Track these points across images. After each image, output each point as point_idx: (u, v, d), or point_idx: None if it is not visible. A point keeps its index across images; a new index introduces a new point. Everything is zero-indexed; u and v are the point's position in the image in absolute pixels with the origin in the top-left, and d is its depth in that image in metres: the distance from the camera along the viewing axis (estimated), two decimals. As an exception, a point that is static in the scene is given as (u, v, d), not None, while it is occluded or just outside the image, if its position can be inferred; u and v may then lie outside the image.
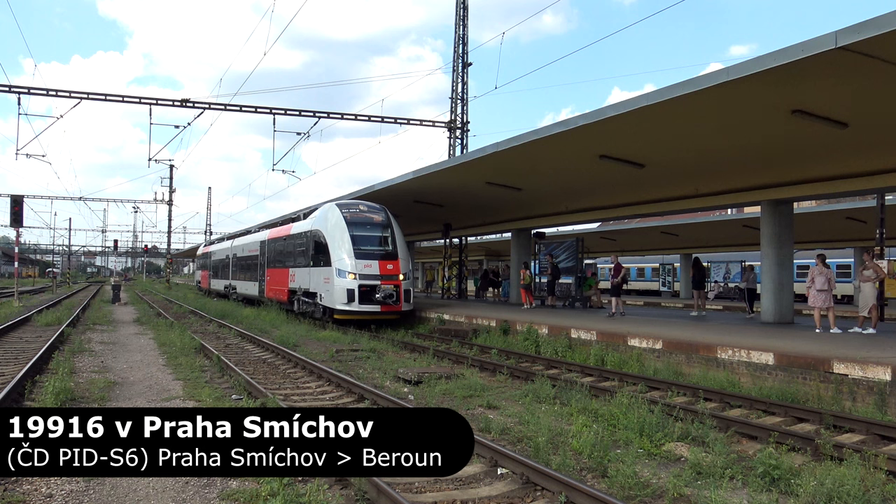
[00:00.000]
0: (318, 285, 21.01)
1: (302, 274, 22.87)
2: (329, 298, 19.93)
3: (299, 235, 23.67)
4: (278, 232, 27.52)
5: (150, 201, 74.09)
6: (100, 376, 11.38)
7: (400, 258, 20.17)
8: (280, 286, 25.97)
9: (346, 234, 20.03)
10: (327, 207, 21.94)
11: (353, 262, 19.52)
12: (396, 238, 20.68)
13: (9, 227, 47.09)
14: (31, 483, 5.83)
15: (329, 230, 20.67)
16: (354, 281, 19.27)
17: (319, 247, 21.01)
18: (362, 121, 29.65)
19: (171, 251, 66.61)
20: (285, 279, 25.11)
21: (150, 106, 27.81)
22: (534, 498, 5.67)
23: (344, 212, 20.89)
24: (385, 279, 19.54)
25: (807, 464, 6.53)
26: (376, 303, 19.37)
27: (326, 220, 21.21)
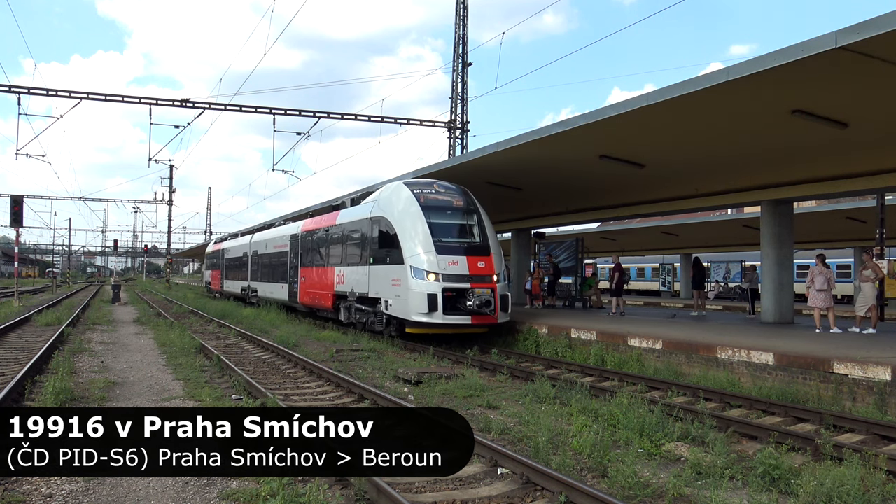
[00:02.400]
0: (382, 289, 16.26)
1: (355, 274, 18.08)
2: (401, 306, 15.33)
3: (351, 225, 18.85)
4: (317, 223, 22.61)
5: (150, 201, 74.19)
6: (100, 376, 11.38)
7: (492, 252, 15.66)
8: (320, 289, 21.17)
9: (421, 222, 15.42)
10: (393, 188, 17.10)
11: (433, 259, 14.89)
12: (486, 227, 16.05)
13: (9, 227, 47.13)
14: (31, 483, 5.83)
15: (397, 216, 15.94)
16: (437, 283, 14.70)
17: (384, 239, 16.24)
18: (362, 121, 29.67)
19: (171, 251, 66.59)
20: (329, 281, 20.26)
21: (150, 106, 27.83)
22: (534, 498, 5.67)
23: (416, 192, 16.10)
24: (476, 280, 15.01)
25: (807, 464, 6.53)
26: (466, 312, 14.71)
27: (393, 203, 16.42)
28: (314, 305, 22.18)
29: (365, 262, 17.31)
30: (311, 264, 22.47)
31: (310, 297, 22.33)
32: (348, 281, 18.54)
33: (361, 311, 17.84)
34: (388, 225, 16.09)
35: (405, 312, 15.12)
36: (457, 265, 15.00)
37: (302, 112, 28.58)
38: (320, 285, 21.18)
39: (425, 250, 15.02)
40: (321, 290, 21.06)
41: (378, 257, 16.54)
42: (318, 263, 21.59)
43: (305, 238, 23.32)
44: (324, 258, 21.08)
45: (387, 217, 16.26)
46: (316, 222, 22.80)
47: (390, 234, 15.92)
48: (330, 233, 20.71)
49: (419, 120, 30.53)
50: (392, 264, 15.73)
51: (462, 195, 16.53)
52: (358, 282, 17.74)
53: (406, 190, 16.25)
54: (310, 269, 22.54)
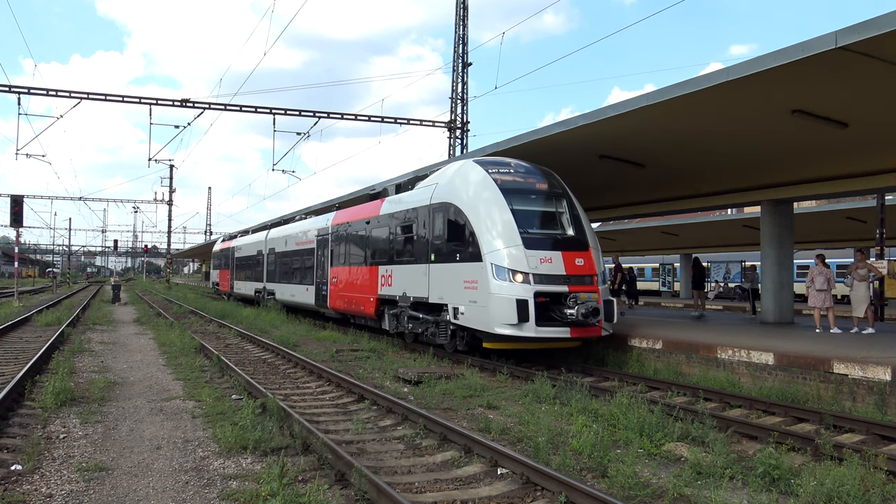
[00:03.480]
0: (449, 292, 13.17)
1: (409, 275, 14.96)
2: (478, 315, 12.22)
3: (402, 216, 15.56)
4: (353, 214, 19.32)
5: (150, 201, 74.17)
6: (100, 376, 11.38)
7: (591, 247, 12.76)
8: (358, 292, 17.96)
9: (503, 209, 12.35)
10: (459, 168, 13.90)
11: (520, 255, 11.87)
12: (580, 214, 13.24)
13: (9, 227, 47.12)
14: (31, 483, 5.83)
15: (470, 202, 12.83)
16: (526, 286, 11.71)
17: (452, 230, 13.21)
18: (362, 121, 29.65)
19: (171, 251, 66.59)
20: (370, 282, 17.13)
21: (150, 106, 27.81)
22: (534, 498, 5.67)
23: (491, 172, 13.04)
24: (574, 282, 12.11)
25: (807, 464, 6.53)
26: (564, 322, 11.80)
27: (462, 186, 13.28)
28: (349, 311, 19.01)
29: (422, 259, 14.25)
30: (345, 263, 19.34)
31: (343, 302, 19.09)
32: (398, 282, 15.48)
33: (417, 319, 14.64)
34: (458, 213, 12.98)
35: (485, 323, 12.00)
36: (550, 263, 12.02)
37: (302, 112, 28.57)
38: (358, 287, 18.02)
39: (509, 244, 11.97)
40: (359, 294, 17.84)
41: (443, 253, 13.48)
42: (356, 262, 18.52)
43: (337, 233, 20.13)
44: (363, 256, 17.90)
45: (454, 203, 13.15)
46: (351, 214, 19.53)
47: (459, 225, 12.90)
48: (371, 226, 17.43)
49: (419, 120, 30.53)
50: (464, 262, 12.66)
51: (546, 176, 13.56)
52: (413, 284, 14.66)
53: (479, 170, 13.18)
54: (343, 268, 19.41)
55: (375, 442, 7.46)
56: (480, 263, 12.18)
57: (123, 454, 6.77)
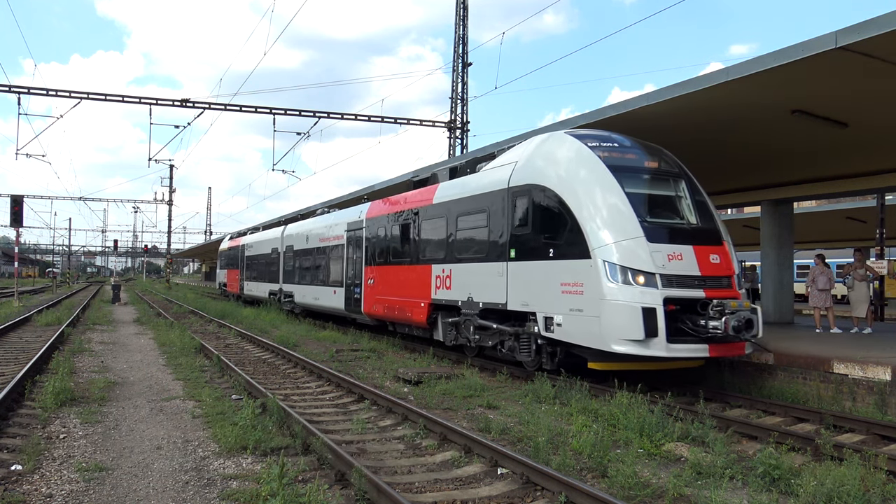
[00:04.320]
0: (540, 298, 10.62)
1: (476, 275, 12.39)
2: (584, 327, 9.75)
3: (466, 203, 12.90)
4: (395, 204, 16.46)
5: (150, 201, 74.21)
6: (100, 376, 11.38)
7: (725, 240, 10.44)
8: (403, 296, 15.36)
9: (612, 190, 9.97)
10: (551, 141, 11.26)
11: (642, 250, 9.50)
12: (707, 200, 10.89)
13: (9, 227, 47.13)
14: (31, 483, 5.84)
15: (568, 182, 10.36)
16: (653, 290, 9.25)
17: (544, 218, 10.67)
18: (362, 121, 29.64)
19: (171, 251, 66.59)
20: (421, 284, 14.47)
21: (150, 106, 27.80)
22: (534, 498, 5.67)
23: (592, 146, 10.54)
24: (712, 285, 9.70)
25: (807, 464, 6.53)
26: (701, 338, 9.36)
27: (556, 163, 10.77)
28: (390, 318, 16.47)
29: (497, 255, 11.75)
30: (384, 261, 16.61)
31: (383, 307, 16.46)
32: (461, 285, 12.91)
33: (487, 330, 12.16)
34: (550, 197, 10.47)
35: (595, 338, 9.51)
36: (680, 260, 9.60)
37: (302, 112, 28.56)
38: (403, 290, 15.40)
39: (626, 235, 9.55)
40: (405, 298, 15.23)
41: (528, 248, 10.95)
42: (400, 260, 15.79)
43: (374, 226, 17.40)
44: (410, 253, 15.17)
45: (545, 185, 10.60)
46: (391, 204, 16.77)
47: (553, 212, 10.42)
48: (422, 217, 14.70)
49: (419, 120, 30.52)
50: (560, 259, 10.21)
51: (656, 152, 11.06)
52: (482, 286, 12.13)
53: (577, 144, 10.63)
54: (383, 268, 16.68)
55: (375, 442, 7.47)
56: (587, 261, 9.64)
57: (123, 454, 6.77)
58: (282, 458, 5.78)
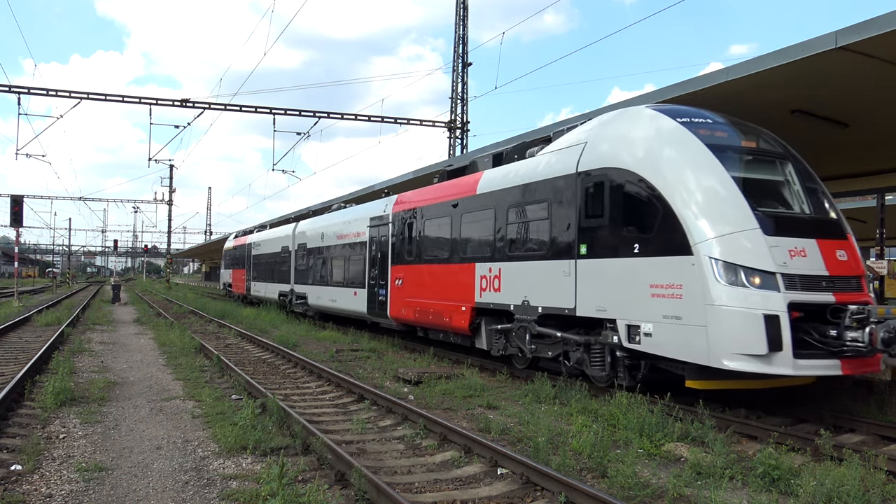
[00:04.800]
0: (622, 302, 9.05)
1: (534, 275, 10.85)
2: (684, 339, 8.17)
3: (524, 191, 11.22)
4: (429, 195, 14.89)
5: (150, 201, 74.23)
6: (100, 376, 11.38)
7: (849, 233, 8.98)
8: (440, 298, 13.74)
9: (715, 173, 8.44)
10: (630, 117, 9.78)
11: (759, 244, 7.95)
12: (822, 188, 9.44)
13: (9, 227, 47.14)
14: (30, 483, 5.84)
15: (658, 163, 8.81)
16: (773, 294, 7.71)
17: (627, 207, 9.10)
18: (362, 121, 29.66)
19: (171, 251, 66.60)
20: (461, 285, 12.89)
21: (150, 106, 27.83)
22: (534, 498, 5.67)
23: (683, 122, 9.02)
24: (841, 287, 8.14)
25: (807, 464, 6.53)
26: (832, 351, 7.76)
27: (643, 141, 9.18)
28: (422, 323, 14.86)
29: (561, 252, 10.16)
30: (416, 259, 15.01)
31: (414, 311, 14.81)
32: (513, 286, 11.37)
33: (548, 340, 10.63)
34: (636, 182, 8.82)
35: (701, 352, 7.87)
36: (804, 257, 8.01)
37: (302, 112, 28.58)
38: (439, 292, 13.79)
39: (737, 227, 8.00)
40: (441, 301, 13.62)
41: (605, 243, 9.35)
42: (435, 258, 14.17)
43: (403, 221, 15.69)
44: (448, 249, 13.57)
45: (627, 167, 9.02)
46: (424, 196, 15.13)
47: (640, 199, 8.80)
48: (462, 209, 13.06)
49: (419, 120, 30.54)
50: (650, 254, 8.58)
51: (753, 131, 9.48)
52: (542, 288, 10.59)
53: (667, 120, 9.07)
54: (414, 267, 15.04)
55: (375, 442, 7.47)
56: (687, 258, 8.06)
57: (123, 454, 6.77)
58: (282, 458, 5.78)
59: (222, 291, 44.02)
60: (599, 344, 9.65)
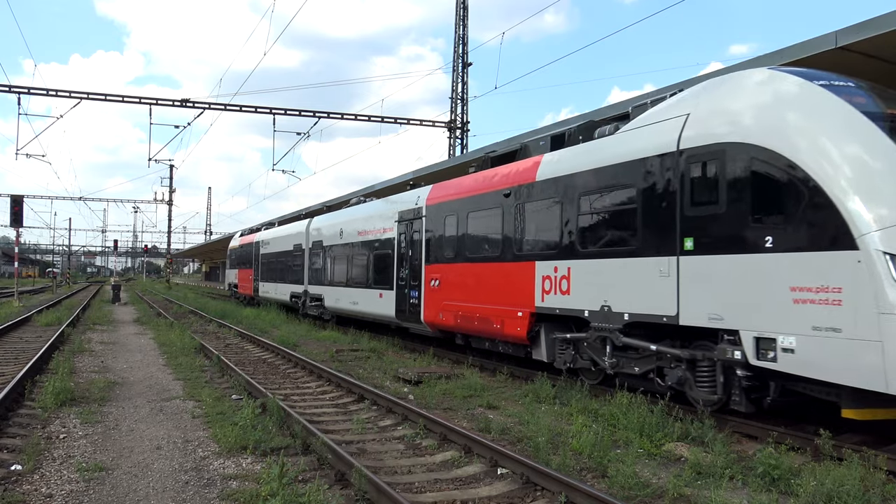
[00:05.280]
0: (762, 312, 7.28)
1: (618, 275, 9.28)
2: (848, 357, 6.48)
3: (601, 176, 9.67)
4: (474, 185, 13.06)
5: (150, 201, 74.30)
6: (100, 376, 11.38)
7: None
8: (490, 302, 11.99)
9: (881, 148, 6.84)
10: (756, 80, 7.96)
11: None
12: None
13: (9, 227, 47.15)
14: (31, 483, 5.84)
15: (803, 136, 7.16)
16: None
17: (761, 190, 7.43)
18: (362, 121, 29.67)
19: (172, 251, 66.61)
20: (517, 287, 11.23)
21: (150, 106, 27.84)
22: (534, 498, 5.67)
23: (823, 85, 7.39)
24: None
25: (807, 463, 6.53)
26: None
27: (779, 108, 7.50)
28: (465, 330, 12.95)
29: (657, 247, 8.61)
30: (457, 257, 13.20)
31: (455, 316, 12.99)
32: (588, 288, 9.76)
33: (637, 352, 9.09)
34: (768, 159, 7.32)
35: (870, 374, 6.35)
36: None
37: (302, 112, 28.59)
38: (488, 294, 11.99)
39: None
40: (491, 304, 11.84)
41: (720, 235, 7.80)
42: (482, 255, 12.38)
43: (440, 214, 13.92)
44: (500, 246, 11.78)
45: (754, 142, 7.49)
46: (467, 185, 13.28)
47: (775, 180, 7.28)
48: (517, 199, 11.33)
49: (419, 120, 30.54)
50: (791, 250, 7.09)
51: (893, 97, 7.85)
52: (630, 290, 9.04)
53: (807, 85, 7.46)
54: (454, 266, 13.26)
55: (375, 442, 7.47)
56: (848, 254, 6.55)
57: (123, 454, 6.77)
58: (282, 458, 5.79)
59: (227, 292, 42.31)
60: (709, 360, 7.99)
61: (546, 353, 10.75)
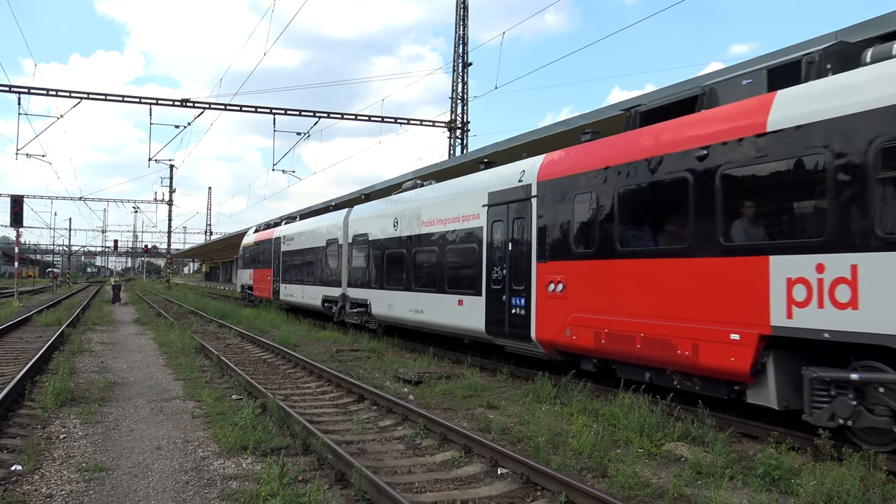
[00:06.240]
0: None
1: None
2: None
3: None
4: (628, 147, 9.36)
5: (150, 201, 74.36)
6: (100, 376, 11.38)
7: None
8: (662, 316, 8.44)
9: None
10: None
11: None
12: None
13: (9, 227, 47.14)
14: (31, 483, 5.84)
15: None
16: None
17: None
18: (362, 121, 29.69)
19: (172, 251, 66.62)
20: (723, 296, 7.65)
21: (150, 106, 27.86)
22: (534, 497, 5.67)
23: None
24: None
25: (807, 463, 6.52)
26: None
27: None
28: (619, 354, 9.22)
29: None
30: (598, 252, 9.64)
31: (598, 334, 9.42)
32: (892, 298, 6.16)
33: None
34: None
35: None
36: None
37: (302, 112, 28.60)
38: (664, 306, 8.42)
39: None
40: (673, 321, 8.26)
41: None
42: (650, 248, 8.92)
43: (564, 192, 10.31)
44: (691, 232, 8.18)
45: None
46: (609, 152, 9.66)
47: None
48: (727, 158, 7.73)
49: (419, 120, 30.55)
50: None
51: None
52: None
53: None
54: (594, 264, 9.70)
55: (375, 442, 7.47)
56: None
57: (123, 454, 6.77)
58: (282, 459, 5.79)
59: (239, 294, 38.22)
60: None
61: (777, 396, 7.24)
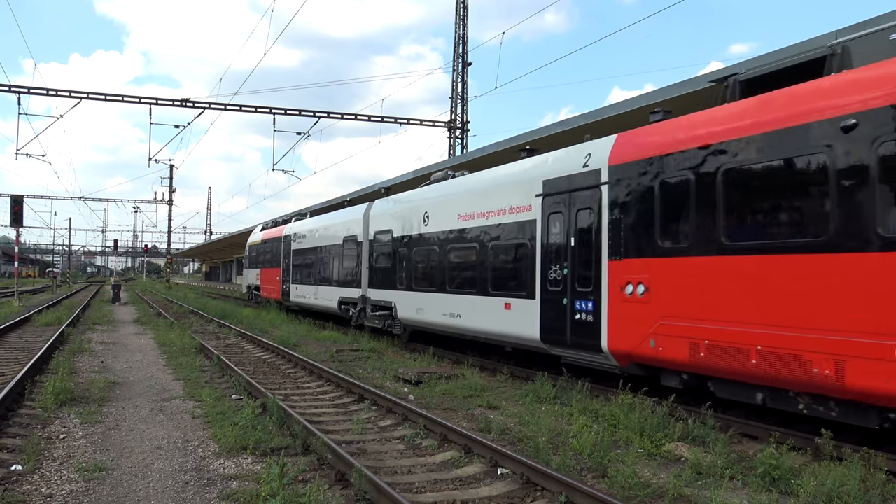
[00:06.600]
0: None
1: None
2: None
3: None
4: (734, 120, 7.58)
5: (150, 201, 74.38)
6: (100, 376, 11.38)
7: None
8: (785, 324, 6.85)
9: None
10: None
11: None
12: None
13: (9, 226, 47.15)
14: (31, 483, 5.84)
15: None
16: None
17: None
18: (362, 120, 29.68)
19: (172, 251, 66.62)
20: (871, 302, 6.09)
21: (150, 106, 27.86)
22: (534, 498, 5.67)
23: None
24: None
25: (807, 463, 6.52)
26: None
27: None
28: (724, 371, 7.57)
29: None
30: (695, 248, 8.00)
31: (696, 346, 7.81)
32: None
33: None
34: None
35: None
36: None
37: (302, 112, 28.61)
38: (793, 314, 6.84)
39: None
40: (806, 331, 6.70)
41: None
42: (773, 243, 7.14)
43: (650, 175, 8.67)
44: (833, 224, 6.53)
45: None
46: (706, 127, 8.00)
47: None
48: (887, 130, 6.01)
49: (419, 120, 30.55)
50: None
51: None
52: None
53: None
54: (690, 261, 8.09)
55: (376, 442, 7.46)
56: None
57: (123, 454, 6.77)
58: (282, 459, 5.79)
59: (245, 295, 36.51)
60: None
61: None
